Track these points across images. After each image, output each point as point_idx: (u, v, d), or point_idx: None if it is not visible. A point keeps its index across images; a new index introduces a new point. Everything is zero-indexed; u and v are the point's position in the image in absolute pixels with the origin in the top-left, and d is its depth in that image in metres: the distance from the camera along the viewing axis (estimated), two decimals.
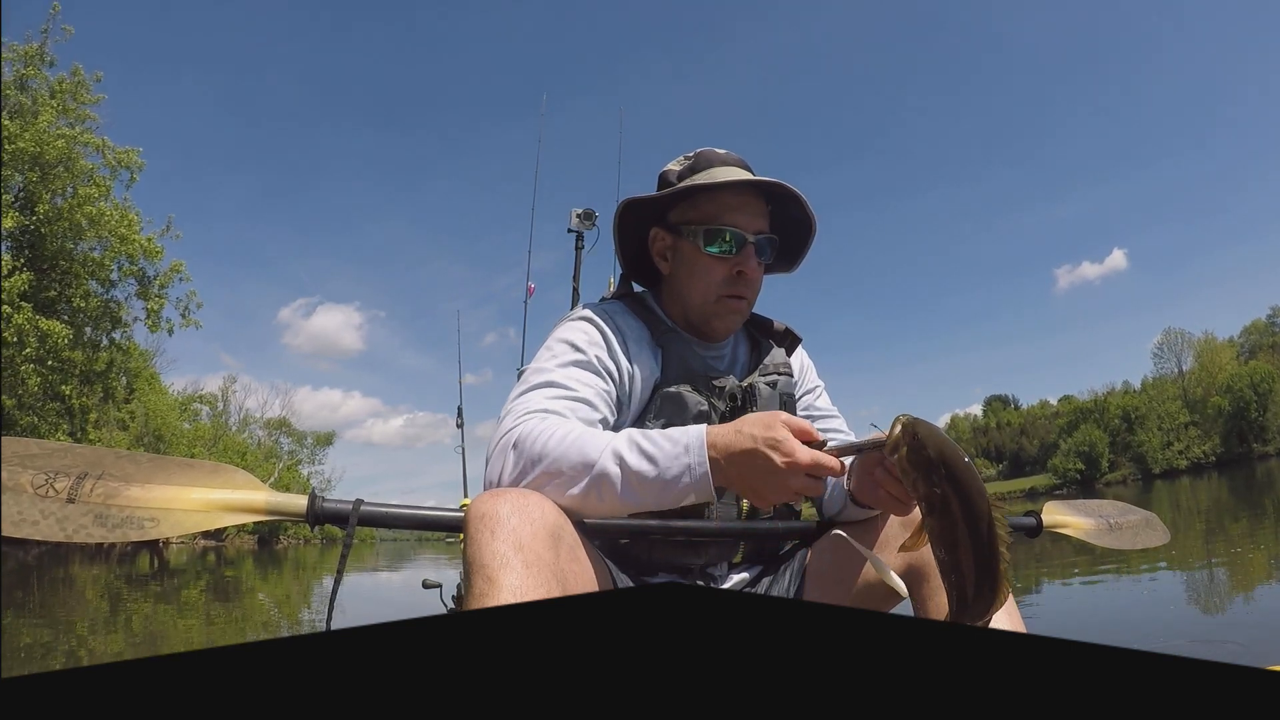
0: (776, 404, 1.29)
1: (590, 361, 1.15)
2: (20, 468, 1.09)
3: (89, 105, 16.79)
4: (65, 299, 16.52)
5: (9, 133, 14.89)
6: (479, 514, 0.87)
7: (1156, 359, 68.50)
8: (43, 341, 14.85)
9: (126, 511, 1.10)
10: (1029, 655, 0.26)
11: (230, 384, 41.73)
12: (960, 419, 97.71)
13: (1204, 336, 65.76)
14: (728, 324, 1.27)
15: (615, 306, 1.28)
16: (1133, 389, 69.94)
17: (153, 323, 17.61)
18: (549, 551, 0.86)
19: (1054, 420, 76.86)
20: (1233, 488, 25.51)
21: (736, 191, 1.22)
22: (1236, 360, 63.27)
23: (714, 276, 1.22)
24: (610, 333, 1.20)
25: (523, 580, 0.81)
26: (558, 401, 1.08)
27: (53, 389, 15.61)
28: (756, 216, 1.23)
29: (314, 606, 9.12)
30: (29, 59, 16.21)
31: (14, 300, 14.41)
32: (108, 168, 16.63)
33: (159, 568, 17.37)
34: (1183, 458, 60.05)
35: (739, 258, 1.21)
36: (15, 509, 1.05)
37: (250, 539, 34.34)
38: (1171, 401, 62.64)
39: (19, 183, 15.65)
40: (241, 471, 1.20)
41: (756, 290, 1.28)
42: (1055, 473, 66.19)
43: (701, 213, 1.23)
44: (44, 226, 15.72)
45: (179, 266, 17.79)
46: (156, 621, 7.59)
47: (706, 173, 1.24)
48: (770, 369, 1.32)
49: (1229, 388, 58.42)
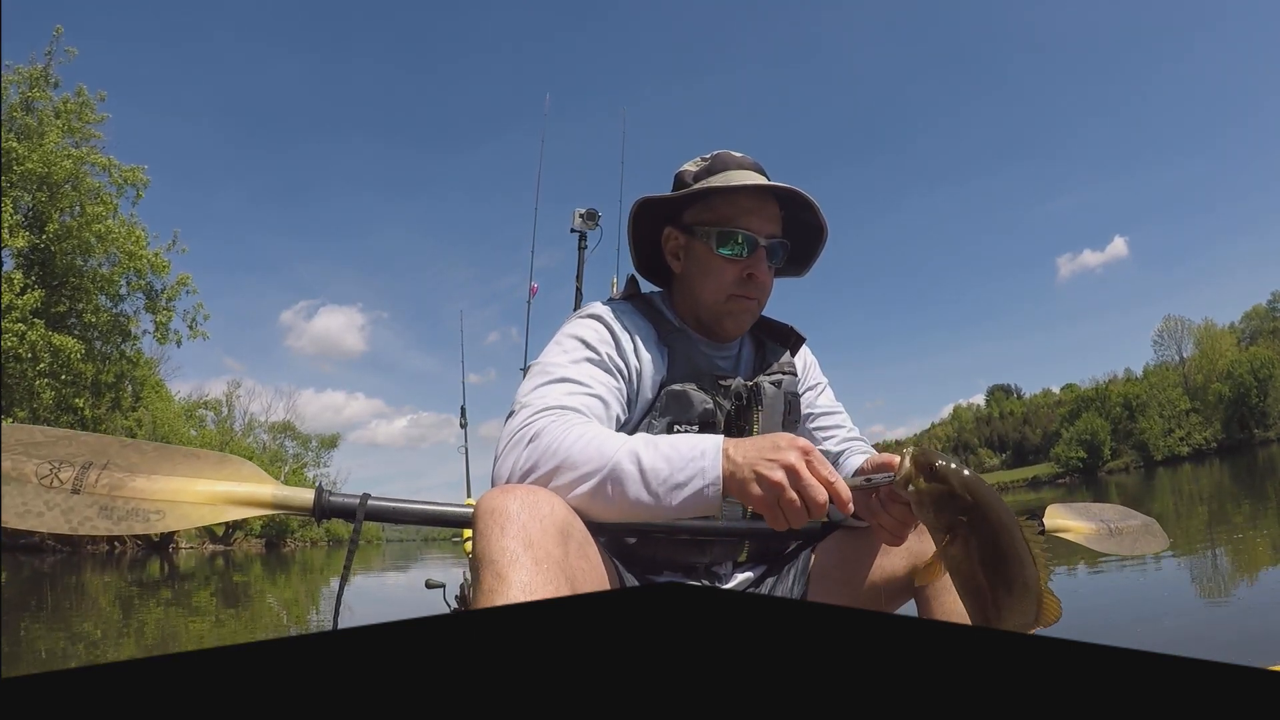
0: (781, 403, 1.31)
1: (603, 359, 1.16)
2: (25, 456, 1.07)
3: (93, 124, 17.20)
4: (76, 314, 17.01)
5: (18, 154, 15.34)
6: (488, 509, 0.87)
7: (1157, 346, 68.63)
8: (55, 356, 15.31)
9: (132, 504, 1.09)
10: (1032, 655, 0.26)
11: (235, 389, 41.93)
12: (964, 409, 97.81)
13: (1204, 323, 65.80)
14: (738, 323, 1.28)
15: (623, 306, 1.29)
16: (1135, 377, 69.98)
17: (161, 335, 18.18)
18: (558, 549, 0.86)
19: (1056, 409, 76.96)
20: (1234, 474, 25.58)
21: (751, 195, 1.23)
22: (1237, 346, 63.27)
23: (725, 277, 1.24)
24: (620, 331, 1.21)
25: (532, 577, 0.81)
26: (575, 398, 1.08)
27: (66, 402, 16.07)
28: (769, 220, 1.25)
29: (321, 610, 9.19)
30: (34, 81, 16.61)
31: (27, 317, 14.87)
32: (114, 185, 17.10)
33: (169, 573, 17.52)
34: (1184, 445, 60.20)
35: (750, 260, 1.23)
36: (19, 500, 1.04)
37: (258, 542, 34.57)
38: (1172, 389, 62.71)
39: (28, 203, 16.12)
40: (248, 463, 1.19)
41: (767, 293, 1.29)
42: (1058, 461, 66.38)
43: (716, 214, 1.25)
44: (54, 244, 16.19)
45: (185, 279, 18.31)
46: (169, 625, 7.70)
47: (722, 175, 1.26)
48: (776, 369, 1.33)
49: (1229, 374, 58.54)
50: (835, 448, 1.38)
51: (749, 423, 1.24)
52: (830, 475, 0.90)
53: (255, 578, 16.65)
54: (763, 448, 0.91)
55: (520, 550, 0.83)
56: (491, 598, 0.80)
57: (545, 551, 0.84)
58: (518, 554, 0.82)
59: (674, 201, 1.29)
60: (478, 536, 0.86)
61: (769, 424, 1.28)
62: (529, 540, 0.84)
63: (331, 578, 14.86)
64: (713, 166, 1.28)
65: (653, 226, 1.33)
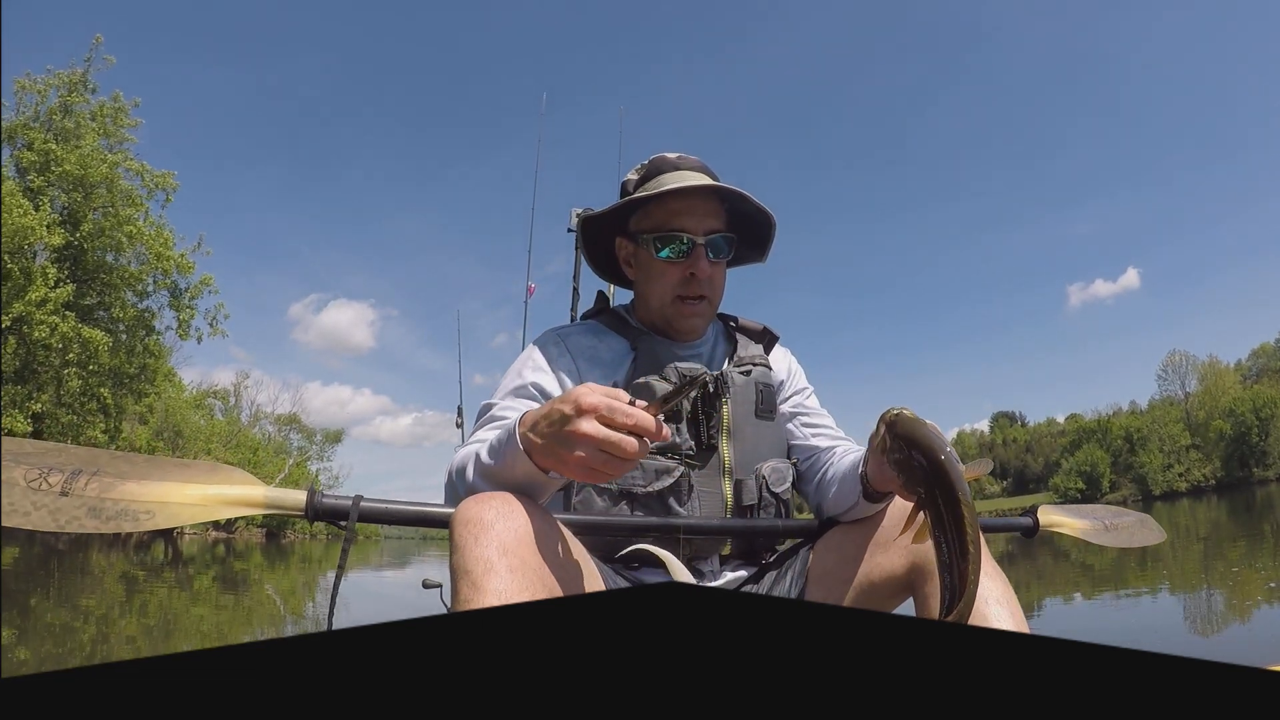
0: (752, 392, 1.30)
1: (526, 387, 1.23)
2: (14, 463, 1.08)
3: (127, 128, 18.33)
4: (105, 307, 18.25)
5: (56, 156, 16.44)
6: (463, 519, 0.87)
7: (1161, 381, 68.51)
8: (84, 347, 16.42)
9: (121, 504, 1.09)
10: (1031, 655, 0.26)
11: (243, 379, 42.58)
12: (967, 434, 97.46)
13: (1208, 360, 65.76)
14: (690, 325, 1.30)
15: (573, 329, 1.34)
16: (1140, 409, 69.85)
17: (183, 331, 19.53)
18: (534, 555, 0.86)
19: (1059, 439, 76.83)
20: (1232, 511, 25.60)
21: (683, 196, 1.25)
22: (1241, 384, 63.14)
23: (668, 280, 1.27)
24: (557, 357, 1.27)
25: (508, 584, 0.81)
26: (488, 430, 1.15)
27: (92, 390, 17.21)
28: (707, 217, 1.27)
29: (318, 600, 9.40)
30: (72, 86, 17.66)
31: (59, 310, 15.95)
32: (145, 189, 18.36)
33: (173, 556, 17.84)
34: (1183, 480, 59.69)
35: (689, 260, 1.26)
36: (5, 500, 1.04)
37: (259, 532, 34.95)
38: (1174, 424, 62.48)
39: (64, 202, 17.16)
40: (239, 470, 1.19)
41: (717, 287, 1.31)
42: (1056, 491, 66.03)
43: (653, 220, 1.28)
44: (87, 243, 17.33)
45: (208, 280, 19.63)
46: (170, 608, 7.95)
47: (656, 180, 1.29)
48: (745, 361, 1.34)
49: (1231, 411, 58.27)
50: (825, 444, 1.37)
51: (716, 410, 1.25)
52: (628, 419, 0.83)
53: (255, 566, 16.93)
54: (553, 422, 0.87)
55: (495, 558, 0.83)
56: (468, 607, 0.80)
57: (521, 559, 0.84)
58: (493, 562, 0.82)
59: (617, 212, 1.33)
60: (454, 548, 0.87)
61: (738, 412, 1.28)
62: (504, 548, 0.84)
63: (329, 569, 14.92)
64: (649, 173, 1.32)
65: (606, 239, 1.39)
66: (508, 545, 0.84)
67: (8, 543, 14.30)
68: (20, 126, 16.97)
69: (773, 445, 1.33)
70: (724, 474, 1.25)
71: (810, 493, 1.35)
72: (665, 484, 1.20)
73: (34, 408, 16.02)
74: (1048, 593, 7.40)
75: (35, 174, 16.71)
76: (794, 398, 1.42)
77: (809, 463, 1.35)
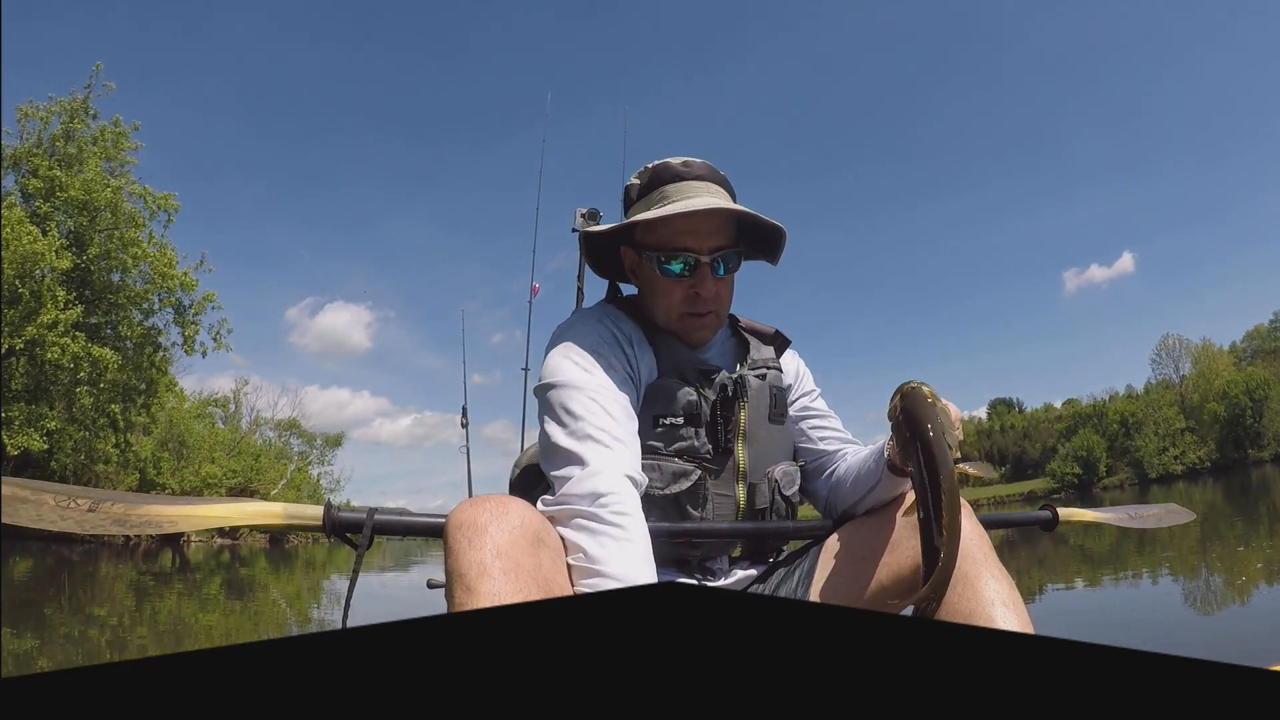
0: (766, 395, 1.30)
1: (607, 385, 1.13)
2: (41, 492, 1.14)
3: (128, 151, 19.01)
4: (112, 326, 18.93)
5: (60, 182, 17.02)
6: (457, 524, 0.87)
7: (1155, 365, 68.79)
8: (94, 366, 17.04)
9: (145, 518, 1.15)
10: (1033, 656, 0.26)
11: (242, 386, 42.54)
12: (965, 421, 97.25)
13: (1202, 343, 65.99)
14: (698, 336, 1.29)
15: (609, 310, 1.31)
16: (1135, 394, 70.19)
17: (188, 347, 20.20)
18: (529, 558, 0.85)
19: (1056, 424, 77.21)
20: (1228, 493, 25.60)
21: (686, 216, 1.21)
22: (1236, 366, 63.45)
23: (673, 297, 1.25)
24: (615, 337, 1.24)
25: (501, 587, 0.80)
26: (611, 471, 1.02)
27: (102, 406, 17.92)
28: (712, 234, 1.23)
29: (323, 604, 9.39)
30: (74, 112, 18.20)
31: (69, 331, 16.59)
32: (148, 211, 19.01)
33: (180, 564, 17.94)
34: (1178, 463, 59.87)
35: (694, 279, 1.23)
36: (34, 514, 1.08)
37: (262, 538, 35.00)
38: (1169, 407, 62.74)
39: (70, 226, 17.75)
40: (256, 502, 1.24)
41: (724, 301, 1.29)
42: (1053, 477, 66.38)
43: (658, 237, 1.25)
44: (93, 265, 17.95)
45: (211, 296, 20.33)
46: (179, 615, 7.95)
47: (660, 191, 1.26)
48: (759, 364, 1.34)
49: (1225, 394, 58.42)
50: (833, 447, 1.38)
51: (733, 414, 1.25)
52: None
53: (260, 571, 16.99)
54: None
55: (489, 561, 0.82)
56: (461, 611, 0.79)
57: (514, 561, 0.84)
58: (486, 565, 0.82)
59: (617, 228, 1.30)
60: (448, 552, 0.86)
61: (754, 416, 1.28)
62: (498, 550, 0.84)
63: (333, 573, 15.10)
64: (652, 181, 1.28)
65: (611, 247, 1.36)
66: (502, 548, 0.84)
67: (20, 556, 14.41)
68: (25, 153, 17.51)
69: (784, 449, 1.35)
70: (739, 478, 1.26)
71: (819, 492, 1.37)
72: (683, 487, 1.20)
73: (48, 425, 16.53)
74: (1048, 579, 7.42)
75: (41, 200, 17.25)
76: (802, 400, 1.43)
77: (816, 463, 1.38)
